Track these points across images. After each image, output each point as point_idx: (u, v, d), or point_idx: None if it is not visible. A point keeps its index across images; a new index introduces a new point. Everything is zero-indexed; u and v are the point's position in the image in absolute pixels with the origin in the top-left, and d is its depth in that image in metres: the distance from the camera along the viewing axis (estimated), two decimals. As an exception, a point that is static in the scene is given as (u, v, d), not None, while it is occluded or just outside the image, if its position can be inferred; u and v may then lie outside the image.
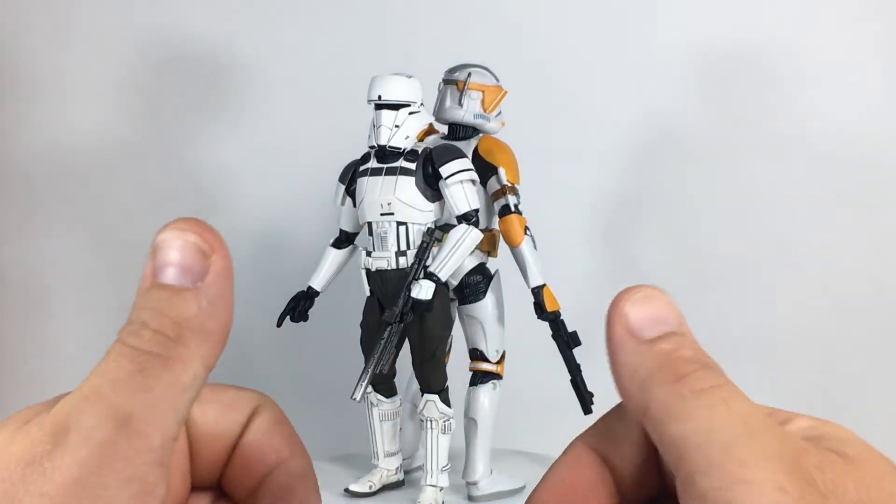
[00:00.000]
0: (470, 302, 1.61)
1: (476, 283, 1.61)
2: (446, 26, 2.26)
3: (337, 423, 2.11)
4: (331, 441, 2.24)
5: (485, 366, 1.61)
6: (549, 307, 1.54)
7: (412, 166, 1.53)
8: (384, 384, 1.64)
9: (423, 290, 1.47)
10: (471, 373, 1.64)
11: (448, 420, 1.57)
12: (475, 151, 1.60)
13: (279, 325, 1.67)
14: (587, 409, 1.58)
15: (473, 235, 1.50)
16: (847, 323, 2.29)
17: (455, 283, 1.62)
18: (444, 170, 1.51)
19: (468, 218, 1.51)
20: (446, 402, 1.57)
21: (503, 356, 1.65)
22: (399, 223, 1.53)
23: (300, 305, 1.67)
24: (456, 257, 1.49)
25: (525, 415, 2.08)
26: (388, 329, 1.49)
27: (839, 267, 2.28)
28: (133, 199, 2.33)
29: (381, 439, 1.66)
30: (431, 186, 1.53)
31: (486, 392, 1.61)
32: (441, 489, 1.57)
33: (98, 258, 2.34)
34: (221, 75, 2.30)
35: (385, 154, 1.54)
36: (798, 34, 2.23)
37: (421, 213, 1.53)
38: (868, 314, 2.29)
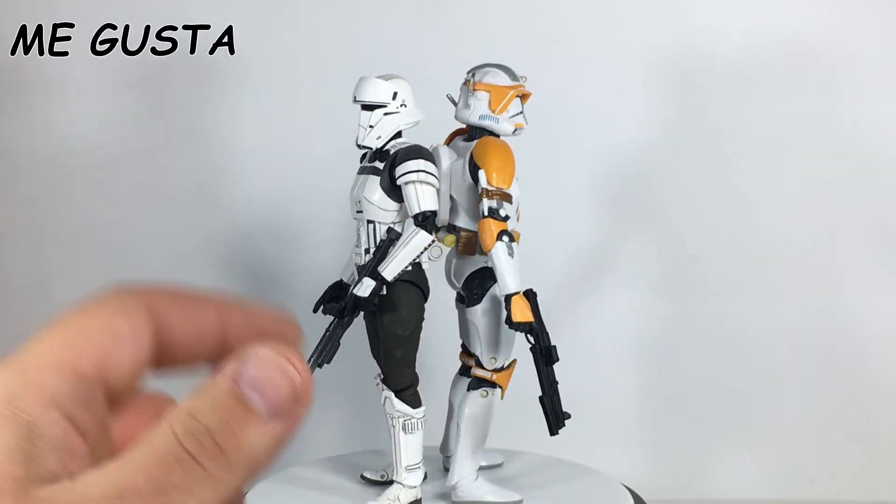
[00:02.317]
0: (469, 305, 1.59)
1: (475, 287, 1.58)
2: (457, 25, 2.26)
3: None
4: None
5: (479, 372, 1.59)
6: (516, 317, 1.46)
7: (381, 166, 1.56)
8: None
9: (362, 288, 1.50)
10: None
11: (409, 419, 1.57)
12: (471, 153, 1.58)
13: (315, 311, 1.67)
14: (552, 431, 1.52)
15: (419, 238, 1.50)
16: (845, 324, 2.31)
17: (458, 284, 1.61)
18: (398, 170, 1.53)
19: (422, 219, 1.51)
20: (408, 401, 1.57)
21: (510, 365, 1.61)
22: (368, 221, 1.56)
23: (325, 296, 1.68)
24: (400, 258, 1.50)
25: (530, 416, 2.08)
26: (333, 323, 1.53)
27: (839, 267, 2.29)
28: (133, 199, 2.33)
29: None
30: (398, 186, 1.56)
31: (473, 398, 1.59)
32: (412, 487, 1.57)
33: (99, 257, 2.34)
34: (223, 72, 2.30)
35: (372, 153, 1.59)
36: (808, 35, 2.24)
37: (386, 212, 1.55)
38: (866, 314, 2.30)
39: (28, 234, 2.34)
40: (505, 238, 1.48)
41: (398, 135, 1.58)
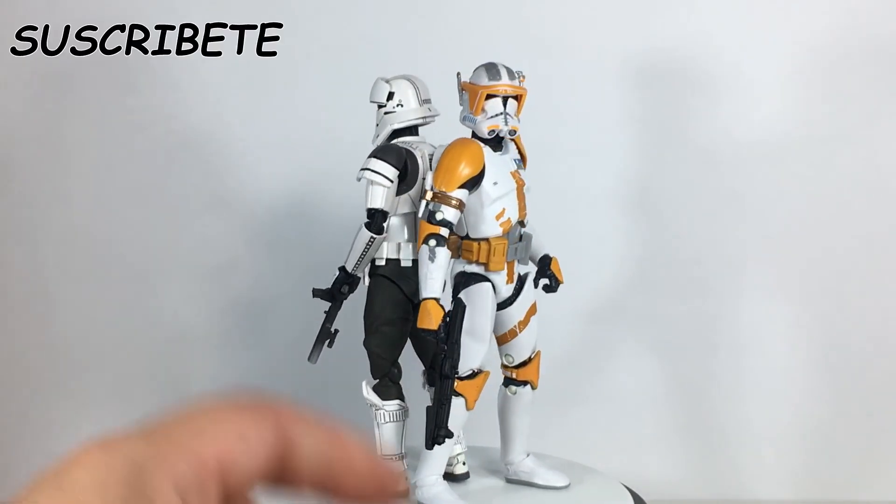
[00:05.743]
0: None
1: (454, 290, 1.54)
2: (458, 29, 2.27)
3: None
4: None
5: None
6: (419, 322, 1.44)
7: None
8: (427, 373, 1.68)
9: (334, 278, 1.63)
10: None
11: (378, 410, 1.59)
12: None
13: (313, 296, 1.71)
14: (429, 444, 1.48)
15: (361, 234, 1.57)
16: (846, 328, 2.31)
17: (450, 284, 1.61)
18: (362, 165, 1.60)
19: (370, 216, 1.57)
20: (378, 392, 1.60)
21: (477, 375, 1.54)
22: None
23: None
24: (353, 252, 1.59)
25: (531, 417, 2.08)
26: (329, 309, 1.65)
27: (840, 267, 2.29)
28: (132, 199, 2.33)
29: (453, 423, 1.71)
30: None
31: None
32: None
33: (98, 258, 2.35)
34: (224, 72, 2.30)
35: None
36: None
37: None
38: (864, 317, 2.31)
39: (27, 234, 2.35)
40: (431, 242, 1.46)
41: (413, 132, 1.60)
